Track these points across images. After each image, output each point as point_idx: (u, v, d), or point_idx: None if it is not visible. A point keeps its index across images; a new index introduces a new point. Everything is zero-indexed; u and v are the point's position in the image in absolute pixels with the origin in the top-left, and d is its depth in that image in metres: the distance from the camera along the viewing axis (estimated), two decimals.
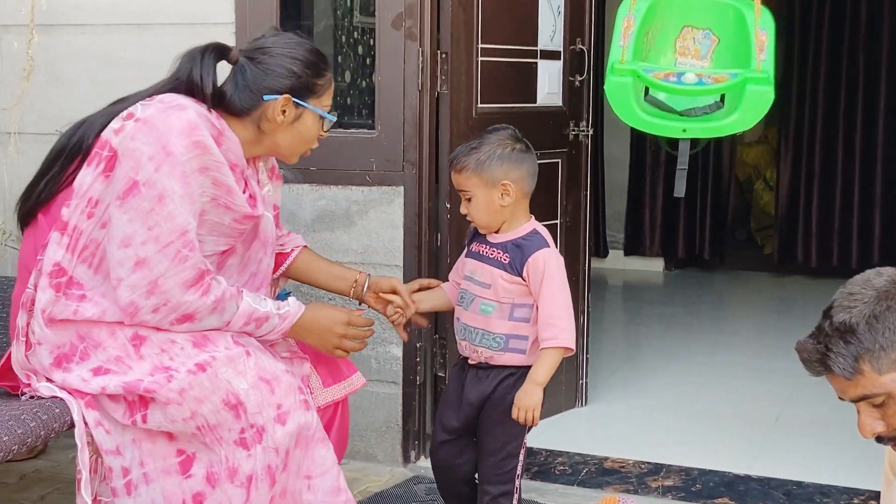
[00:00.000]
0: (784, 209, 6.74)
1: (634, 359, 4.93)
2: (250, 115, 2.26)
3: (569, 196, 3.94)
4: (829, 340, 1.75)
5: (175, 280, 2.11)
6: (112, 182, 2.12)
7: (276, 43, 2.27)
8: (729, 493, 3.24)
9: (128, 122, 2.15)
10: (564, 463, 3.49)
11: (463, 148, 2.58)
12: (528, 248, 2.57)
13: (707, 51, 3.37)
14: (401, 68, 3.38)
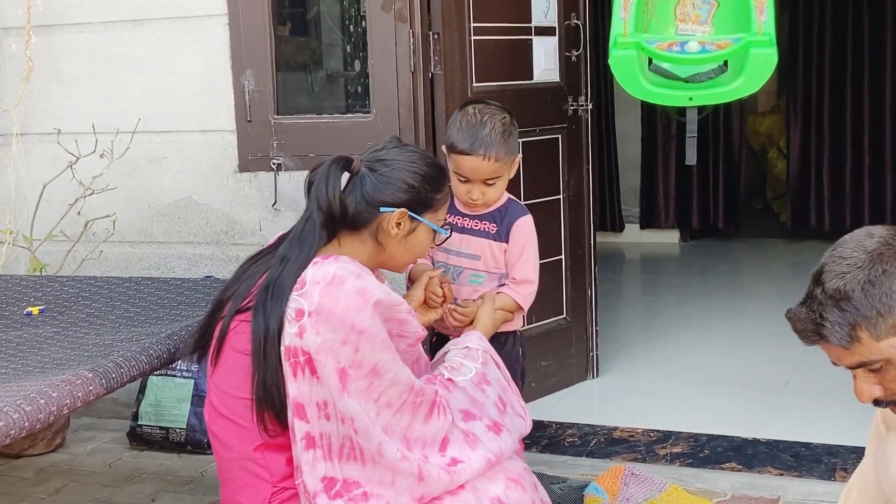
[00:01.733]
0: (796, 176, 6.61)
1: (649, 329, 4.82)
2: (368, 227, 2.17)
3: (570, 171, 3.85)
4: (823, 309, 1.67)
5: (419, 423, 2.09)
6: (323, 380, 2.02)
7: (398, 155, 2.18)
8: (737, 457, 3.15)
9: (303, 321, 2.01)
10: (574, 434, 3.41)
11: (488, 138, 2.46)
12: (511, 215, 2.58)
13: (707, 15, 3.30)
14: (393, 51, 3.31)
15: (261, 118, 3.48)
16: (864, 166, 6.36)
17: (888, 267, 1.64)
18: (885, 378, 1.69)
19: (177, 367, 3.39)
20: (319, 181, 2.12)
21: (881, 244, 1.67)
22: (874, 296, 1.63)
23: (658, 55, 3.05)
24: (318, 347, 2.00)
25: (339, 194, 2.10)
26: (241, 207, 3.55)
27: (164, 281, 3.02)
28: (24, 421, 1.92)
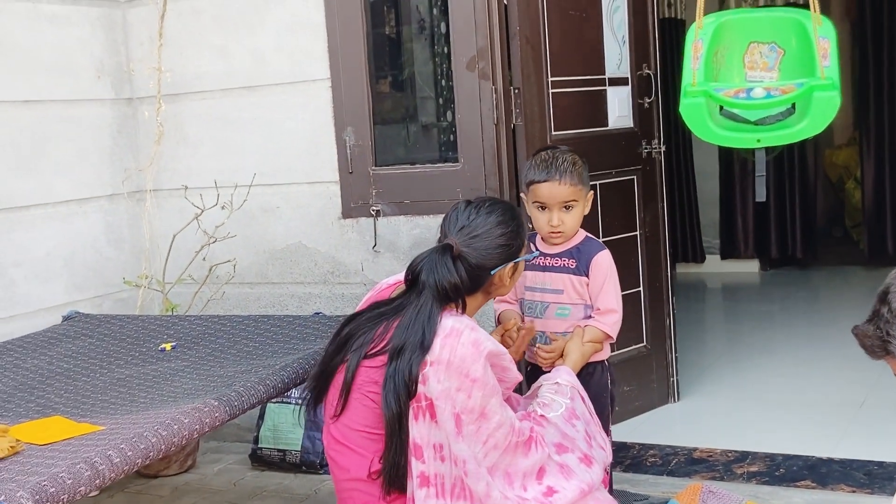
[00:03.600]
0: (871, 205, 6.49)
1: (729, 354, 4.81)
2: (482, 287, 2.31)
3: (646, 209, 3.90)
4: (889, 326, 1.71)
5: (521, 458, 2.18)
6: (441, 424, 2.14)
7: (485, 223, 2.28)
8: (811, 475, 3.13)
9: (427, 370, 2.14)
10: (656, 455, 3.44)
11: (561, 165, 2.59)
12: (589, 250, 2.65)
13: (774, 63, 3.30)
14: (477, 106, 3.44)
15: (361, 169, 3.65)
16: None
17: None
18: None
19: (292, 395, 3.54)
20: (430, 272, 2.20)
21: None
22: None
23: (725, 102, 3.07)
24: (438, 394, 2.10)
25: (457, 279, 2.20)
26: (345, 250, 3.71)
27: (279, 318, 3.18)
28: (161, 444, 2.09)
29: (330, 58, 3.65)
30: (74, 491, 1.86)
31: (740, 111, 3.18)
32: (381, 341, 2.20)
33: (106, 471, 1.93)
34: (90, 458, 1.94)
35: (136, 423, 2.16)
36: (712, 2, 6.29)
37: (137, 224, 3.99)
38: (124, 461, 1.98)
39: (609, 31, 3.75)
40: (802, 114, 3.07)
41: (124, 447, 2.00)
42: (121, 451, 1.99)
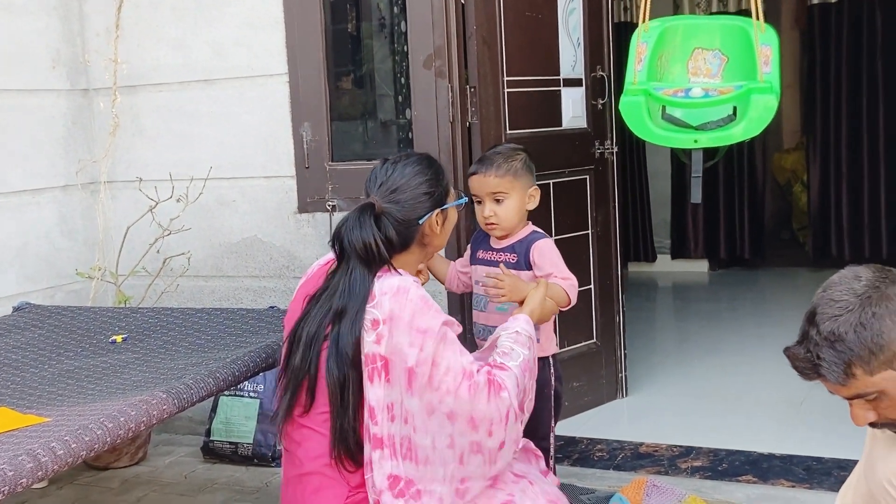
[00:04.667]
0: (817, 208, 6.58)
1: (677, 352, 4.84)
2: (415, 240, 2.27)
3: (598, 208, 3.91)
4: (819, 350, 1.70)
5: (481, 403, 2.11)
6: (394, 382, 2.11)
7: (402, 177, 2.25)
8: (753, 470, 3.16)
9: (380, 329, 2.11)
10: (603, 449, 3.45)
11: (491, 157, 2.60)
12: (528, 241, 2.64)
13: (717, 69, 3.31)
14: (433, 104, 3.42)
15: (317, 165, 3.61)
16: (880, 198, 6.31)
17: (877, 309, 1.67)
18: (879, 405, 1.72)
19: (244, 388, 3.51)
20: (352, 231, 2.17)
21: (868, 287, 1.70)
22: (866, 337, 1.66)
23: (664, 100, 3.06)
24: (391, 351, 2.08)
25: (380, 236, 2.17)
26: (300, 244, 3.67)
27: (233, 311, 3.13)
28: (107, 436, 2.04)
29: (288, 53, 3.61)
30: (16, 483, 1.80)
31: (683, 115, 3.18)
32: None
33: (49, 463, 1.88)
34: (33, 449, 1.89)
35: (83, 415, 2.11)
36: (666, 5, 6.33)
37: (91, 215, 3.91)
38: (68, 453, 1.93)
39: (564, 32, 3.75)
40: (741, 117, 3.08)
41: (69, 439, 1.95)
42: (65, 443, 1.94)
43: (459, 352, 2.12)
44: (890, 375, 1.68)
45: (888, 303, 1.67)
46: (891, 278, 1.71)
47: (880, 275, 1.72)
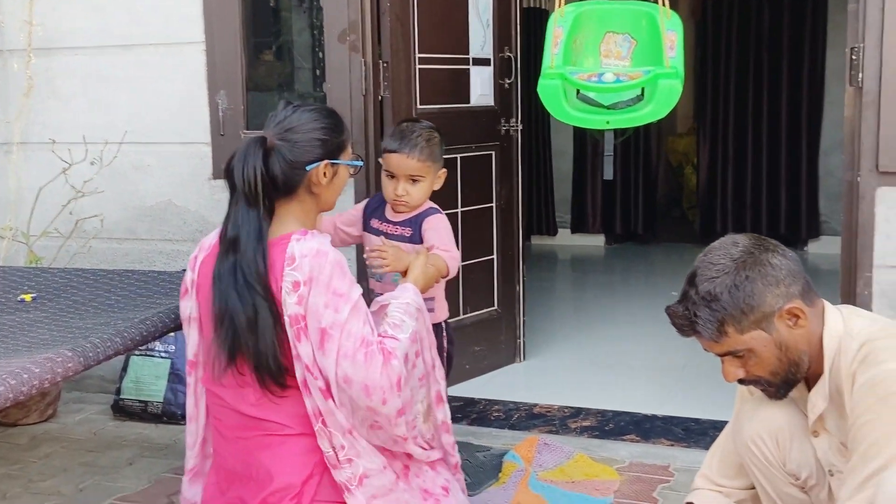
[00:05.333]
0: (705, 189, 6.75)
1: (573, 320, 4.91)
2: (301, 186, 2.18)
3: (502, 183, 3.91)
4: (696, 308, 1.74)
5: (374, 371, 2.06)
6: (310, 339, 2.07)
7: (301, 119, 2.17)
8: (636, 430, 3.23)
9: (301, 291, 2.05)
10: (500, 410, 3.47)
11: (413, 139, 2.54)
12: (423, 216, 2.60)
13: (627, 52, 3.34)
14: (347, 77, 3.36)
15: (232, 132, 3.52)
16: (762, 181, 6.51)
17: (750, 273, 1.71)
18: (747, 363, 1.77)
19: (155, 349, 3.42)
20: (238, 163, 2.09)
21: (744, 253, 1.74)
22: (739, 298, 1.70)
23: (579, 84, 3.09)
24: (308, 310, 2.04)
25: (262, 170, 2.08)
26: (214, 210, 3.58)
27: (144, 273, 3.04)
28: (9, 393, 1.95)
29: (205, 21, 3.49)
30: None
31: (595, 95, 3.21)
32: None
33: None
34: None
35: None
36: None
37: (3, 176, 3.74)
38: None
39: (475, 13, 3.72)
40: (649, 99, 3.12)
41: None
42: None
43: (364, 321, 2.10)
44: (759, 335, 1.73)
45: (761, 268, 1.72)
46: (765, 246, 1.75)
47: (756, 242, 1.76)
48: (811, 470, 1.85)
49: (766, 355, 1.74)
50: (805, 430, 1.85)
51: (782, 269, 1.73)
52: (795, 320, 1.74)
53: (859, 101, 2.77)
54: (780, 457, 1.88)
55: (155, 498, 2.76)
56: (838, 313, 1.79)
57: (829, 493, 1.85)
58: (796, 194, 6.42)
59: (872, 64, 2.73)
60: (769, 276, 1.71)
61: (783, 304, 1.72)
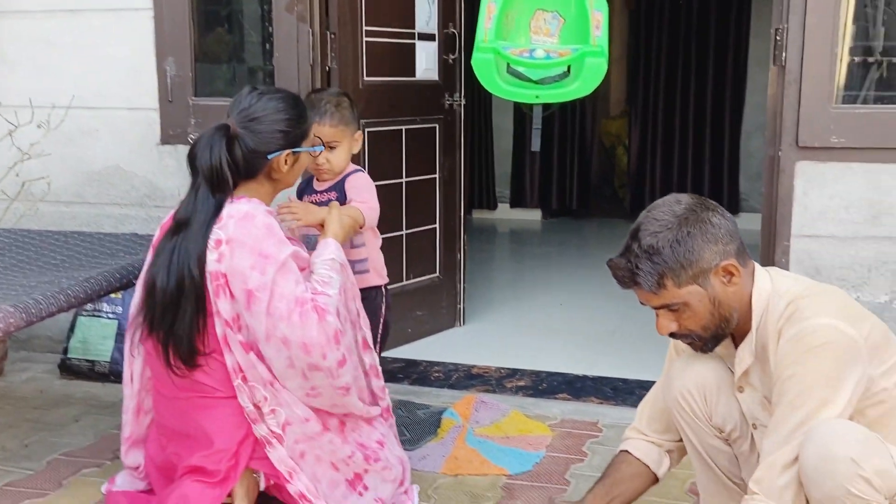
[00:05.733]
0: (634, 169, 6.80)
1: (511, 288, 4.89)
2: (261, 172, 2.13)
3: (445, 155, 3.85)
4: (638, 261, 1.71)
5: (312, 330, 2.01)
6: (237, 299, 2.01)
7: (265, 108, 2.10)
8: (568, 389, 3.22)
9: (221, 248, 2.00)
10: (440, 371, 3.44)
11: (322, 107, 2.47)
12: (345, 178, 2.55)
13: (555, 29, 3.31)
14: (294, 47, 3.25)
15: (180, 99, 3.39)
16: (687, 161, 6.56)
17: (691, 230, 1.69)
18: (681, 317, 1.74)
19: (103, 310, 3.30)
20: (203, 151, 2.05)
21: (687, 210, 1.71)
22: (679, 252, 1.68)
23: (511, 59, 3.06)
24: (231, 270, 1.99)
25: (227, 158, 2.04)
26: (162, 175, 3.45)
27: (89, 234, 2.92)
28: None
29: None
30: None
31: (525, 70, 3.17)
32: None
33: None
34: None
35: None
36: None
37: None
38: None
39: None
40: (576, 76, 3.11)
41: None
42: None
43: (295, 282, 2.04)
44: (695, 289, 1.71)
45: (702, 225, 1.70)
46: (706, 206, 1.73)
47: (698, 201, 1.74)
48: (735, 423, 1.85)
49: (699, 310, 1.72)
50: (731, 387, 1.84)
51: (721, 228, 1.71)
52: (730, 277, 1.72)
53: (782, 80, 2.77)
54: (707, 411, 1.86)
55: (100, 453, 2.65)
56: (767, 274, 1.78)
57: (751, 444, 1.85)
58: (719, 174, 6.50)
59: (795, 44, 2.72)
60: (709, 234, 1.69)
61: (720, 261, 1.70)
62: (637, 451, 1.94)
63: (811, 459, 1.58)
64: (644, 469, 1.93)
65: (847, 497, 1.55)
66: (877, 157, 2.72)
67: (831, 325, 1.62)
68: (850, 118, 2.72)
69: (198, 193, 2.05)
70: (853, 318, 1.66)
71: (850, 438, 1.56)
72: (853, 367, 1.61)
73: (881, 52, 2.84)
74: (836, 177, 2.76)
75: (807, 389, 1.61)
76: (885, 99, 2.77)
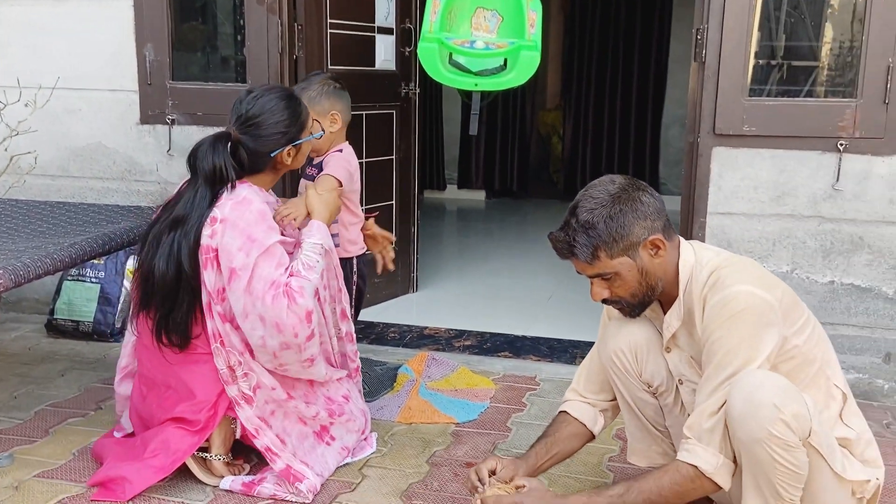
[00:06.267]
0: (568, 156, 6.82)
1: (458, 259, 4.87)
2: (266, 167, 2.05)
3: (401, 138, 3.80)
4: (575, 234, 1.70)
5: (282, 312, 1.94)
6: (221, 273, 1.94)
7: (262, 110, 2.01)
8: (509, 348, 3.22)
9: (216, 226, 1.93)
10: (395, 332, 3.41)
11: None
12: (328, 156, 2.48)
13: (494, 27, 3.27)
14: (265, 36, 3.16)
15: (159, 82, 3.27)
16: (614, 149, 6.60)
17: (624, 207, 1.68)
18: (612, 285, 1.74)
19: (87, 275, 3.19)
20: (205, 157, 1.98)
21: (620, 189, 1.71)
22: (612, 227, 1.67)
23: (453, 48, 3.02)
24: (222, 247, 1.94)
25: (231, 162, 1.98)
26: (142, 152, 3.33)
27: (74, 205, 2.81)
28: None
29: None
30: None
31: (465, 62, 3.13)
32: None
33: None
34: None
35: None
36: None
37: None
38: None
39: None
40: (511, 68, 3.08)
41: None
42: None
43: (276, 265, 1.98)
44: (625, 261, 1.70)
45: (633, 203, 1.69)
46: (638, 186, 1.73)
47: (630, 182, 1.73)
48: (662, 379, 1.85)
49: (629, 279, 1.72)
50: (659, 347, 1.84)
51: (650, 206, 1.70)
52: (657, 250, 1.72)
53: (702, 75, 2.78)
54: (637, 368, 1.87)
55: (84, 404, 2.57)
56: (690, 247, 1.78)
57: (675, 397, 1.86)
58: (641, 161, 6.55)
59: (714, 42, 2.73)
60: (639, 211, 1.69)
61: (648, 235, 1.70)
62: (574, 412, 1.94)
63: (737, 405, 1.59)
64: (581, 428, 1.92)
65: (768, 438, 1.56)
66: (782, 144, 2.75)
67: (750, 291, 1.63)
68: (760, 109, 2.74)
69: (197, 192, 1.98)
70: (768, 285, 1.67)
71: (772, 386, 1.58)
72: (770, 328, 1.63)
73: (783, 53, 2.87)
74: (747, 161, 2.79)
75: (732, 350, 1.62)
76: (788, 93, 2.80)
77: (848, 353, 2.78)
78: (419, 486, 2.12)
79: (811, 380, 1.69)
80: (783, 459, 1.56)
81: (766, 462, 1.57)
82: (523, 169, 7.01)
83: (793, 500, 1.60)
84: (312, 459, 2.08)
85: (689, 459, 1.64)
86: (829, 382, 1.71)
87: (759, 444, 1.57)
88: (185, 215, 1.97)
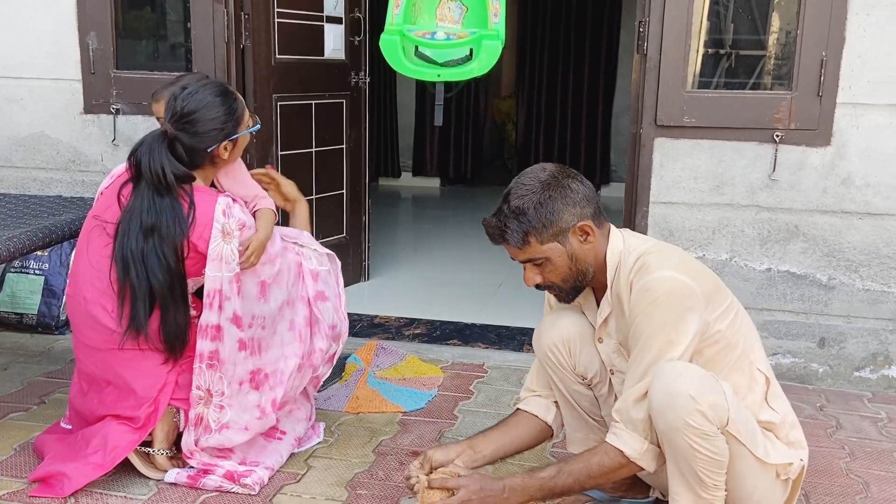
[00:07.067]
0: (521, 143, 6.84)
1: (411, 247, 4.86)
2: (205, 162, 2.02)
3: (352, 128, 3.77)
4: (507, 220, 1.70)
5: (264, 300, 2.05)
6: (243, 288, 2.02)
7: (197, 106, 1.97)
8: (458, 336, 3.23)
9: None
10: None
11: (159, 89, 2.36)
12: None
13: (459, 17, 3.25)
14: (211, 26, 3.09)
15: (103, 71, 3.18)
16: (567, 137, 6.64)
17: (553, 193, 1.69)
18: (544, 270, 1.75)
19: (30, 266, 3.11)
20: (146, 159, 1.95)
21: (550, 177, 1.72)
22: (542, 213, 1.68)
23: (415, 40, 3.00)
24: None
25: (172, 162, 1.95)
26: (86, 142, 3.25)
27: (16, 196, 2.73)
28: None
29: None
30: None
31: (431, 54, 3.12)
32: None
33: None
34: None
35: None
36: None
37: None
38: None
39: None
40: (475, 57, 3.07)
41: None
42: None
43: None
44: (555, 246, 1.72)
45: (562, 190, 1.70)
46: (568, 174, 1.74)
47: (561, 170, 1.74)
48: (596, 370, 1.88)
49: (559, 264, 1.73)
50: (592, 340, 1.86)
51: (579, 193, 1.71)
52: (585, 236, 1.73)
53: (643, 67, 2.80)
54: (571, 361, 1.89)
55: (27, 398, 2.51)
56: (620, 234, 1.80)
57: (609, 387, 1.88)
58: (593, 148, 6.61)
59: (655, 35, 2.75)
60: (568, 198, 1.70)
61: (577, 221, 1.71)
62: (527, 406, 1.95)
63: (657, 396, 1.62)
64: (534, 419, 1.93)
65: (685, 428, 1.60)
66: (720, 136, 2.79)
67: (673, 276, 1.66)
68: (700, 101, 2.78)
69: (154, 198, 1.95)
70: (691, 271, 1.70)
71: (689, 377, 1.61)
72: (693, 312, 1.66)
73: (730, 45, 2.91)
74: (688, 152, 2.82)
75: (656, 332, 1.65)
76: (734, 85, 2.84)
77: (784, 338, 2.85)
78: (364, 475, 2.12)
79: (734, 364, 1.73)
80: (702, 448, 1.60)
81: (687, 450, 1.61)
82: (477, 156, 7.02)
83: (716, 484, 1.64)
84: (264, 457, 2.08)
85: (616, 444, 1.67)
86: (752, 367, 1.75)
87: (677, 433, 1.60)
88: (156, 224, 1.93)
